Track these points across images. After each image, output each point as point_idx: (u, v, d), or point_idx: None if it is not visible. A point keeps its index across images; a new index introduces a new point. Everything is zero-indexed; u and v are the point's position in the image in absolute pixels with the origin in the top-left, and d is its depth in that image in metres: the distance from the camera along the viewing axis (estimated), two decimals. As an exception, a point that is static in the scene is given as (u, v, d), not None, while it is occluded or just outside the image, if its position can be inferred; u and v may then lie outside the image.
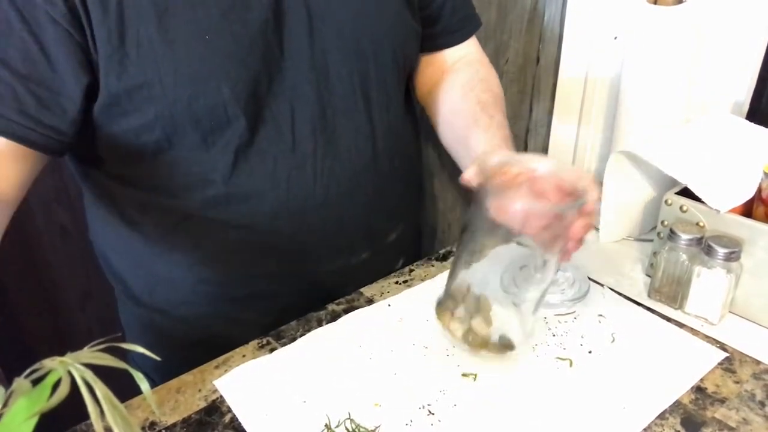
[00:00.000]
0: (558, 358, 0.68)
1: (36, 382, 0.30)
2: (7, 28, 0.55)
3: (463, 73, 0.81)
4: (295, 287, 0.76)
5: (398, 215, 0.85)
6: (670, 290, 0.75)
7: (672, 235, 0.72)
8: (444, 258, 0.87)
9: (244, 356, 0.69)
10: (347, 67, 0.69)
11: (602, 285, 0.80)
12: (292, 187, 0.69)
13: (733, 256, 0.69)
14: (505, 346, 0.65)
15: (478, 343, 0.64)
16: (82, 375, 0.30)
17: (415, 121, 0.86)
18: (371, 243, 0.79)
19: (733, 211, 0.73)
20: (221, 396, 0.64)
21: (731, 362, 0.67)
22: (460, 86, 0.79)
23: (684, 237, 0.71)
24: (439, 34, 0.81)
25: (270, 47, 0.63)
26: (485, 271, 0.64)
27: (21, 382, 0.30)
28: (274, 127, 0.66)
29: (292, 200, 0.70)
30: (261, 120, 0.66)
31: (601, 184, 0.62)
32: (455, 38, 0.83)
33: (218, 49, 0.60)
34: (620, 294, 0.79)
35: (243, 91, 0.63)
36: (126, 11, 0.57)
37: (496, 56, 1.30)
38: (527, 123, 1.46)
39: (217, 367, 0.68)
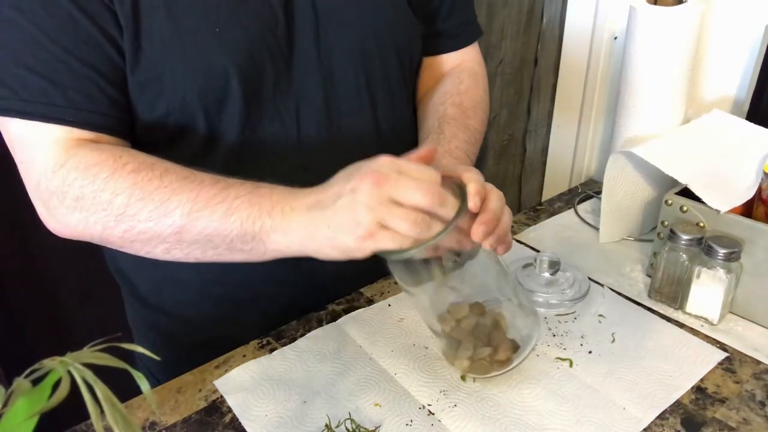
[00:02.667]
0: (558, 358, 0.68)
1: (36, 382, 0.30)
2: (72, 24, 0.56)
3: (446, 83, 0.80)
4: (297, 288, 0.76)
5: None
6: (670, 290, 0.75)
7: (672, 235, 0.72)
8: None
9: (244, 356, 0.69)
10: (352, 67, 0.68)
11: (602, 285, 0.80)
12: (297, 187, 0.69)
13: (733, 256, 0.69)
14: (506, 358, 0.62)
15: (483, 368, 0.62)
16: (82, 375, 0.30)
17: None
18: None
19: (733, 211, 0.73)
20: (221, 396, 0.64)
21: (731, 362, 0.67)
22: (436, 98, 0.79)
23: (684, 237, 0.71)
24: (436, 37, 0.81)
25: (279, 44, 0.63)
26: (444, 301, 0.63)
27: (21, 382, 0.30)
28: (280, 126, 0.66)
29: None
30: (267, 118, 0.66)
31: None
32: (452, 44, 0.82)
33: (227, 42, 0.61)
34: (620, 294, 0.79)
35: (249, 87, 0.63)
36: (140, 3, 0.57)
37: (485, 59, 1.31)
38: (525, 124, 1.47)
39: (217, 367, 0.68)
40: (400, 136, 0.77)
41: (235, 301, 0.76)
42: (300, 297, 0.77)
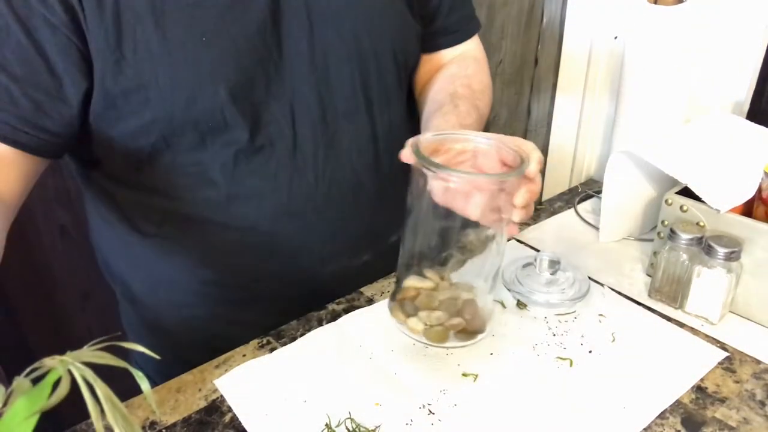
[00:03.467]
0: (558, 358, 0.68)
1: (36, 381, 0.30)
2: (5, 32, 0.55)
3: (452, 68, 0.81)
4: (296, 289, 0.76)
5: (400, 217, 0.85)
6: (670, 290, 0.75)
7: (672, 234, 0.72)
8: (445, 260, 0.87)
9: (244, 356, 0.69)
10: (348, 68, 0.68)
11: (602, 285, 0.80)
12: (294, 189, 0.69)
13: (733, 256, 0.69)
14: (473, 331, 0.61)
15: (440, 335, 0.60)
16: (82, 374, 0.30)
17: (417, 122, 0.85)
18: (373, 245, 0.79)
19: (733, 210, 0.74)
20: (221, 396, 0.64)
21: (731, 362, 0.67)
22: (444, 80, 0.79)
23: (684, 237, 0.71)
24: (437, 34, 0.81)
25: (268, 49, 0.63)
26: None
27: (21, 381, 0.30)
28: (275, 130, 0.66)
29: (294, 202, 0.69)
30: (261, 122, 0.65)
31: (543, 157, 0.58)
32: (453, 39, 0.83)
33: (215, 51, 0.60)
34: (620, 294, 0.79)
35: (240, 93, 0.62)
36: (123, 12, 0.57)
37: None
38: (525, 124, 1.47)
39: (217, 366, 0.68)
40: (396, 136, 0.77)
41: (232, 301, 0.76)
42: (300, 297, 0.77)
